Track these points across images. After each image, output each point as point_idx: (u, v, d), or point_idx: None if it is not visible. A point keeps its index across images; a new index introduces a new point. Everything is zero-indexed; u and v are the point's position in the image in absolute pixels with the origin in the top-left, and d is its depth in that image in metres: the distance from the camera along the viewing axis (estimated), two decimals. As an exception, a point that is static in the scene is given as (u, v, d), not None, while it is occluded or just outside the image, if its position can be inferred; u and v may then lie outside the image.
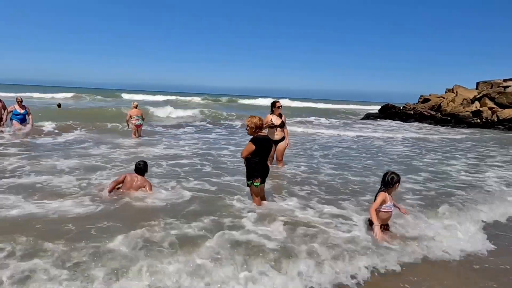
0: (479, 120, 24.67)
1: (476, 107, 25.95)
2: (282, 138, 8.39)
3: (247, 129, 5.37)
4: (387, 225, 4.68)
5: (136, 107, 12.81)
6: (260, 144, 5.22)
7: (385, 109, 30.96)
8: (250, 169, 5.32)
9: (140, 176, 6.00)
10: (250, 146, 5.19)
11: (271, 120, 8.26)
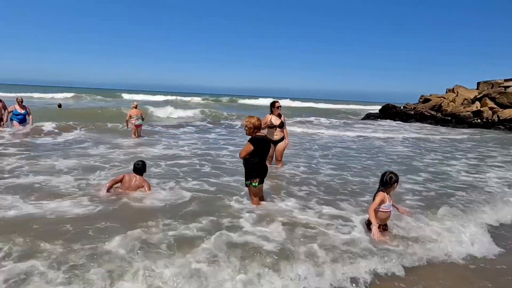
0: (480, 120, 24.62)
1: (477, 107, 25.90)
2: (282, 138, 8.37)
3: (245, 130, 5.36)
4: (386, 225, 4.65)
5: (136, 107, 12.79)
6: (259, 145, 5.20)
7: (386, 109, 30.92)
8: (249, 169, 5.30)
9: (139, 176, 5.99)
10: (249, 147, 5.18)
11: (270, 120, 8.24)
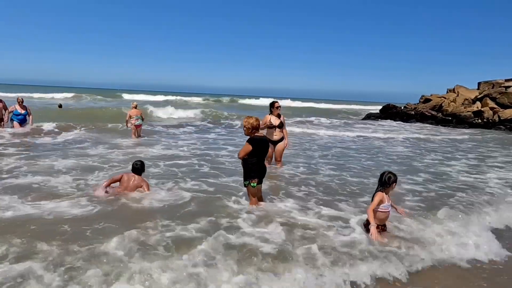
0: (480, 121, 24.56)
1: (478, 107, 25.84)
2: (281, 139, 8.35)
3: (244, 130, 5.34)
4: (384, 226, 4.62)
5: (136, 107, 12.79)
6: (257, 145, 5.19)
7: (386, 109, 30.88)
8: (247, 170, 5.28)
9: (137, 176, 5.99)
10: (247, 147, 5.16)
11: (270, 121, 8.22)
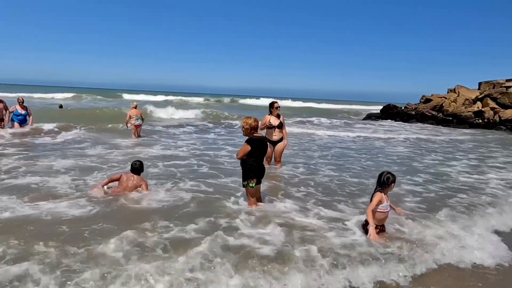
0: (481, 121, 24.51)
1: (478, 108, 25.79)
2: (281, 139, 8.33)
3: (242, 130, 5.33)
4: (383, 226, 4.60)
5: (136, 108, 12.78)
6: (256, 145, 5.17)
7: (387, 109, 30.85)
8: (246, 170, 5.27)
9: (136, 176, 6.00)
10: (246, 147, 5.15)
11: (269, 121, 8.21)
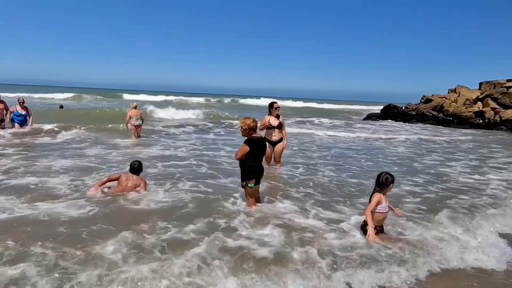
0: (482, 121, 24.47)
1: (479, 108, 25.75)
2: (280, 139, 8.32)
3: (241, 131, 5.31)
4: (382, 227, 4.57)
5: (135, 108, 12.77)
6: (254, 146, 5.16)
7: (387, 110, 30.82)
8: (245, 170, 5.26)
9: (135, 176, 6.01)
10: (244, 148, 5.14)
11: (269, 121, 8.19)
